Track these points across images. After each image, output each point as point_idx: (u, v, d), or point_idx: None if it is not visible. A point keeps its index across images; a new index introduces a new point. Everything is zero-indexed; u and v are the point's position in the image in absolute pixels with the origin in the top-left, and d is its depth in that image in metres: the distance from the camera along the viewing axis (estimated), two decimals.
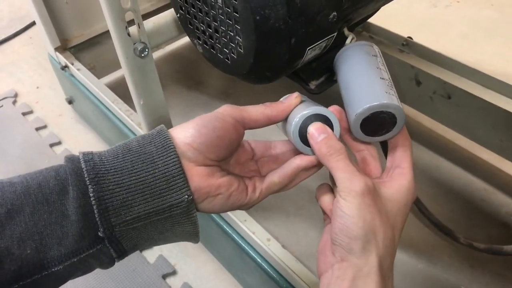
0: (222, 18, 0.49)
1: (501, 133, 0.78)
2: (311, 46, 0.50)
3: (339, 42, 0.54)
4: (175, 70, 1.21)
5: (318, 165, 0.40)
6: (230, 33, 0.50)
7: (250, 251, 0.67)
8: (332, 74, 0.59)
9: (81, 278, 0.35)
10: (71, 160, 0.34)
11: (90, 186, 0.32)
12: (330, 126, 0.38)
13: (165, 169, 0.34)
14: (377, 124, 0.39)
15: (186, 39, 1.23)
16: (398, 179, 0.38)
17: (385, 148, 0.43)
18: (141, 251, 0.86)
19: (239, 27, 0.47)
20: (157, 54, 1.24)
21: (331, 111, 0.39)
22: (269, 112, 0.40)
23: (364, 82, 0.41)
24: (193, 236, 0.38)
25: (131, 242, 0.35)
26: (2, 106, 1.20)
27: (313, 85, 0.58)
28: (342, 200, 0.35)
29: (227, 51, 0.53)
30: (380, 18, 0.81)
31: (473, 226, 0.82)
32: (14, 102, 1.21)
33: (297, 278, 0.61)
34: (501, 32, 1.35)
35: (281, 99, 0.42)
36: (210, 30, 0.54)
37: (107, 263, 0.35)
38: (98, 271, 0.36)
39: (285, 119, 0.41)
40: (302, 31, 0.46)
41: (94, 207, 0.32)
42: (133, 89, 0.66)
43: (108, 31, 0.60)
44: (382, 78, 0.41)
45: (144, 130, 0.76)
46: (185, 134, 0.36)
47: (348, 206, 0.34)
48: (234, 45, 0.51)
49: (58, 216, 0.32)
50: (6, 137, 1.11)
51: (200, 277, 0.83)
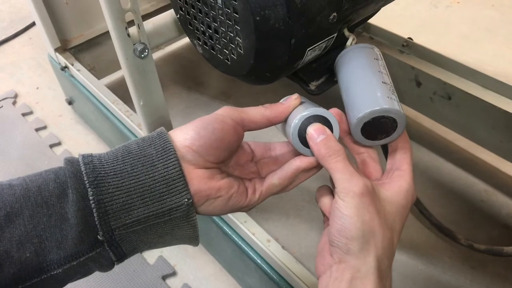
0: (222, 18, 0.49)
1: (501, 134, 0.78)
2: (311, 47, 0.50)
3: (340, 43, 0.54)
4: (175, 71, 1.20)
5: (318, 166, 0.40)
6: (230, 33, 0.50)
7: (250, 252, 0.67)
8: (332, 75, 0.58)
9: (80, 279, 0.35)
10: (71, 162, 0.34)
11: (89, 189, 0.32)
12: (330, 127, 0.38)
13: (165, 172, 0.34)
14: (378, 128, 0.39)
15: (186, 40, 1.23)
16: (397, 181, 0.38)
17: (385, 150, 0.43)
18: (141, 252, 0.85)
19: (239, 28, 0.47)
20: (157, 55, 1.24)
21: (331, 113, 0.39)
22: (268, 113, 0.39)
23: (366, 86, 0.41)
24: (192, 239, 0.38)
25: (131, 245, 0.35)
26: (2, 106, 1.19)
27: (313, 85, 0.58)
28: (341, 200, 0.34)
29: (227, 52, 0.53)
30: (380, 19, 0.81)
31: (473, 227, 0.82)
32: (14, 103, 1.21)
33: (297, 279, 0.61)
34: (501, 32, 1.34)
35: (280, 101, 0.42)
36: (210, 31, 0.54)
37: (107, 266, 0.35)
38: (97, 272, 0.36)
39: (284, 121, 0.41)
40: (302, 32, 0.46)
41: (94, 210, 0.32)
42: (133, 89, 0.66)
43: (108, 32, 0.60)
44: (384, 82, 0.41)
45: (144, 131, 0.76)
46: (184, 136, 0.36)
47: (346, 207, 0.34)
48: (234, 45, 0.50)
49: (58, 219, 0.32)
50: (6, 137, 1.11)
51: (200, 278, 0.83)
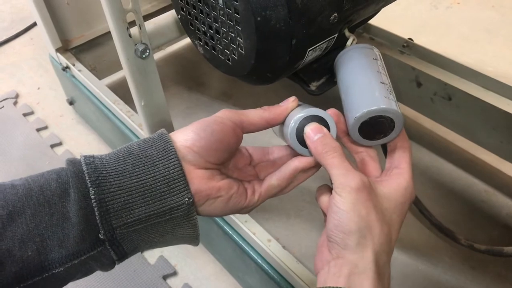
0: (223, 19, 0.49)
1: (501, 134, 0.78)
2: (312, 47, 0.50)
3: (340, 44, 0.54)
4: (176, 71, 1.21)
5: (316, 166, 0.40)
6: (231, 34, 0.50)
7: (251, 252, 0.67)
8: (332, 76, 0.59)
9: (81, 279, 0.35)
10: (73, 163, 0.34)
11: (91, 188, 0.32)
12: (327, 127, 0.39)
13: (165, 171, 0.34)
14: (375, 128, 0.39)
15: (187, 40, 1.23)
16: (396, 179, 0.38)
17: (385, 149, 0.43)
18: (141, 252, 0.86)
19: (240, 28, 0.47)
20: (158, 55, 1.24)
21: (327, 113, 0.39)
22: (266, 115, 0.40)
23: (364, 86, 0.41)
24: (193, 239, 0.38)
25: (132, 245, 0.35)
26: (3, 107, 1.20)
27: (313, 86, 0.58)
28: (337, 195, 0.35)
29: (228, 52, 0.53)
30: (380, 20, 0.81)
31: (474, 228, 0.82)
32: (15, 103, 1.21)
33: (297, 279, 0.61)
34: (501, 33, 1.34)
35: (278, 104, 0.42)
36: (211, 31, 0.54)
37: (108, 265, 0.35)
38: (98, 272, 0.36)
39: (282, 123, 0.41)
40: (303, 32, 0.46)
41: (95, 209, 0.32)
42: (134, 90, 0.66)
43: (109, 32, 0.60)
44: (382, 83, 0.41)
45: (145, 131, 0.76)
46: (185, 137, 0.36)
47: (343, 202, 0.34)
48: (235, 46, 0.51)
49: (59, 218, 0.32)
50: (7, 138, 1.11)
51: (200, 278, 0.83)
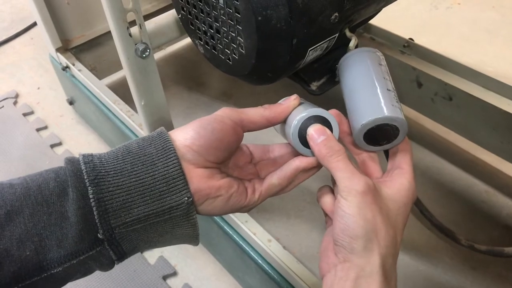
0: (224, 18, 0.49)
1: (502, 135, 0.78)
2: (313, 47, 0.50)
3: (341, 43, 0.54)
4: (176, 71, 1.20)
5: (317, 166, 0.40)
6: (232, 33, 0.50)
7: (251, 252, 0.67)
8: (333, 76, 0.58)
9: (81, 279, 0.35)
10: (71, 162, 0.34)
11: (89, 187, 0.32)
12: (329, 127, 0.39)
13: (165, 171, 0.34)
14: (380, 135, 0.39)
15: (187, 40, 1.23)
16: (398, 179, 0.38)
17: (387, 152, 0.43)
18: (141, 252, 0.85)
19: (241, 28, 0.47)
20: (158, 55, 1.24)
21: (330, 113, 0.39)
22: (267, 114, 0.40)
23: (370, 92, 0.41)
24: (193, 238, 0.38)
25: (131, 244, 0.35)
26: (3, 107, 1.20)
27: (314, 86, 0.58)
28: (343, 199, 0.35)
29: (229, 52, 0.53)
30: (381, 20, 0.81)
31: (474, 228, 0.82)
32: (15, 103, 1.21)
33: (298, 279, 0.60)
34: (502, 33, 1.34)
35: (279, 102, 0.42)
36: (212, 31, 0.54)
37: (107, 265, 0.35)
38: (98, 272, 0.36)
39: (283, 121, 0.41)
40: (304, 32, 0.46)
41: (94, 209, 0.32)
42: (134, 89, 0.66)
43: (109, 32, 0.60)
44: (388, 90, 0.41)
45: (145, 131, 0.76)
46: (184, 136, 0.36)
47: (348, 205, 0.34)
48: (235, 45, 0.50)
49: (58, 217, 0.32)
50: (7, 137, 1.11)
51: (200, 278, 0.83)
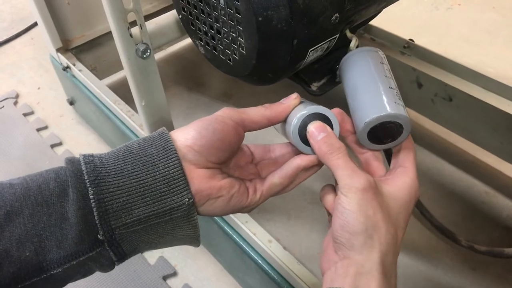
0: (224, 19, 0.49)
1: (502, 135, 0.77)
2: (313, 48, 0.50)
3: (342, 44, 0.54)
4: (177, 71, 1.20)
5: (319, 164, 0.40)
6: (232, 34, 0.50)
7: (251, 253, 0.67)
8: (334, 76, 0.58)
9: (81, 279, 0.35)
10: (72, 162, 0.34)
11: (90, 188, 0.32)
12: (330, 125, 0.38)
13: (166, 171, 0.34)
14: (384, 132, 0.39)
15: (188, 41, 1.23)
16: (400, 177, 0.38)
17: (387, 154, 0.43)
18: (141, 253, 0.85)
19: (242, 28, 0.47)
20: (158, 56, 1.24)
21: (330, 111, 0.39)
22: (268, 113, 0.40)
23: (373, 91, 0.41)
24: (193, 239, 0.38)
25: (131, 245, 0.34)
26: (3, 107, 1.20)
27: (314, 86, 0.58)
28: (343, 196, 0.35)
29: (229, 52, 0.53)
30: (381, 20, 0.81)
31: (474, 229, 0.82)
32: (15, 103, 1.21)
33: (298, 280, 0.60)
34: (502, 34, 1.34)
35: (280, 101, 0.42)
36: (212, 31, 0.54)
37: (107, 266, 0.35)
38: (98, 272, 0.36)
39: (284, 120, 0.41)
40: (305, 33, 0.46)
41: (94, 210, 0.32)
42: (134, 90, 0.66)
43: (110, 32, 0.60)
44: (391, 88, 0.41)
45: (145, 131, 0.76)
46: (185, 136, 0.36)
47: (349, 202, 0.34)
48: (236, 46, 0.50)
49: (58, 218, 0.31)
50: (7, 137, 1.11)
51: (200, 278, 0.83)
